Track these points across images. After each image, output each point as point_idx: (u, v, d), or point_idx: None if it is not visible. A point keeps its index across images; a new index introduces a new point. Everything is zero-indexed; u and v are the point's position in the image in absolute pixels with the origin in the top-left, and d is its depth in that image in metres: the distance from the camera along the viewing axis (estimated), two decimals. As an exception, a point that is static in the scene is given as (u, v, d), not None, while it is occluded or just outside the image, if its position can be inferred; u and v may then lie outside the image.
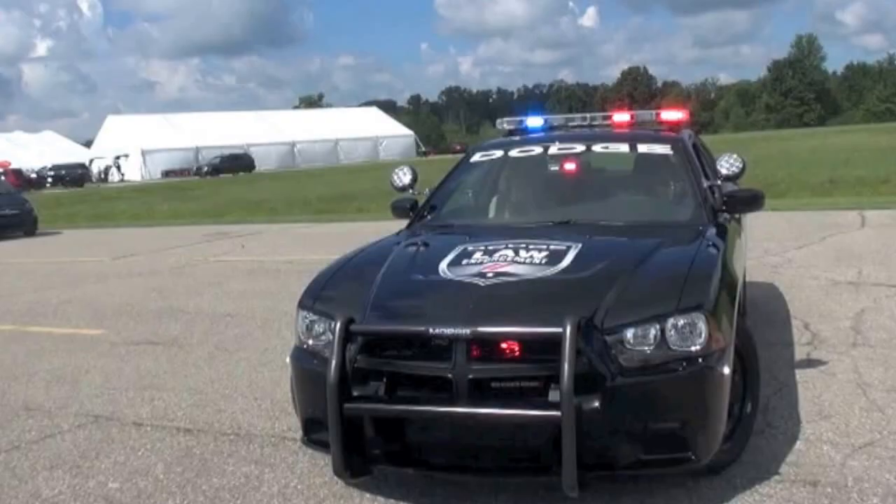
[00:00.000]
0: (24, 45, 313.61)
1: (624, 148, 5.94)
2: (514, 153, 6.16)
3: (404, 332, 4.07)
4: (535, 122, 6.54)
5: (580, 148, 5.98)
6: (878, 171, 22.22)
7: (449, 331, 3.78)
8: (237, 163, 70.99)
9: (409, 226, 5.82)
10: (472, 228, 5.49)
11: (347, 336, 3.92)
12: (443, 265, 4.42)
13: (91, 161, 76.64)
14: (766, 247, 11.21)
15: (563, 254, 4.38)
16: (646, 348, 3.81)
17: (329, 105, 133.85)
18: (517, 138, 6.45)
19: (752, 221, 14.00)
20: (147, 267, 14.26)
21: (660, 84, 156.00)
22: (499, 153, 6.23)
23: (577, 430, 3.51)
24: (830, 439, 4.63)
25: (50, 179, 65.89)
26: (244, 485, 4.57)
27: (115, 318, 9.61)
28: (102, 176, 73.18)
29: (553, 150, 5.99)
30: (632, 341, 3.80)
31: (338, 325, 3.92)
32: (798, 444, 4.59)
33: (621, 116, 6.34)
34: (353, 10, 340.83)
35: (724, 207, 5.30)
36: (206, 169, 69.28)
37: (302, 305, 4.50)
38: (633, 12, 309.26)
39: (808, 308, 7.69)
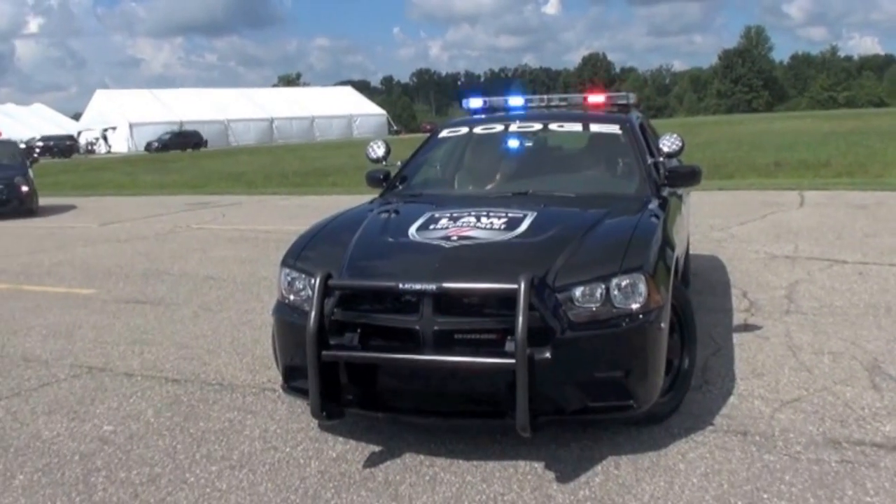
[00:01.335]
0: (17, 22, 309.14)
1: (577, 127, 6.17)
2: (478, 130, 6.34)
3: (377, 287, 4.23)
4: (516, 101, 6.78)
5: (538, 126, 6.18)
6: (820, 154, 22.61)
7: (417, 286, 3.96)
8: (186, 140, 68.00)
9: (381, 195, 5.98)
10: (439, 197, 5.65)
11: (326, 290, 4.09)
12: (412, 229, 4.60)
13: (79, 133, 75.64)
14: (712, 223, 11.48)
15: (520, 220, 4.57)
16: (592, 305, 4.00)
17: (306, 84, 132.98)
18: (481, 116, 6.62)
19: (700, 199, 14.38)
20: (133, 233, 14.28)
21: (618, 70, 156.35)
22: (464, 129, 6.41)
23: (530, 378, 3.71)
24: (761, 395, 4.85)
25: (38, 150, 64.99)
26: (228, 428, 4.73)
27: (105, 279, 9.68)
28: (90, 148, 72.19)
29: (513, 127, 6.18)
30: (580, 299, 3.99)
31: (317, 280, 4.08)
32: (731, 399, 4.81)
33: (595, 98, 6.64)
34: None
35: (665, 182, 5.52)
36: (155, 145, 66.56)
37: (284, 263, 4.66)
38: (593, 2, 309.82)
39: (747, 279, 7.93)
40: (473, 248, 4.32)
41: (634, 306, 4.04)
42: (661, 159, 5.56)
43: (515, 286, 3.76)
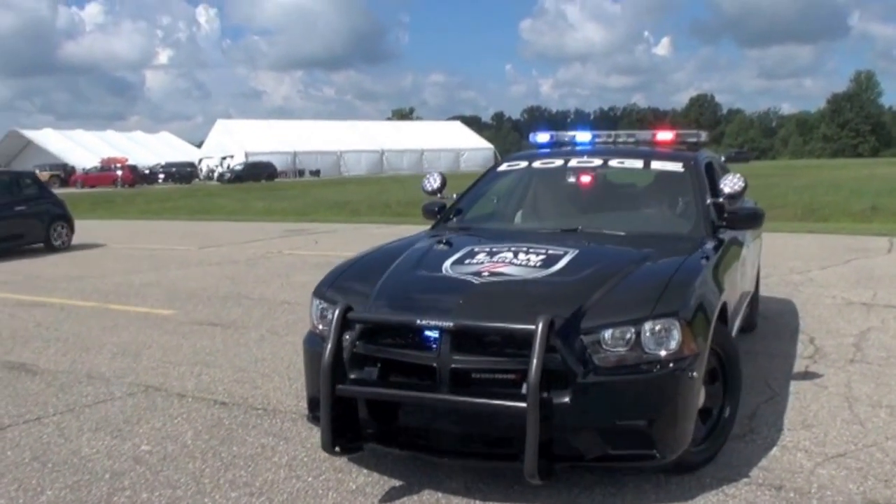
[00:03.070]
0: (147, 53, 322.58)
1: (638, 164, 5.85)
2: (537, 164, 6.14)
3: (395, 321, 4.08)
4: (583, 136, 6.55)
5: (597, 162, 5.92)
6: (920, 202, 21.42)
7: (434, 322, 3.80)
8: (259, 170, 65.71)
9: (433, 227, 5.85)
10: (487, 231, 5.50)
11: (345, 323, 3.96)
12: (447, 263, 4.44)
13: (200, 160, 78.27)
14: (793, 266, 10.96)
15: (559, 258, 4.36)
16: (621, 349, 3.76)
17: (419, 118, 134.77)
18: (546, 151, 6.42)
19: (786, 241, 13.82)
20: (227, 257, 14.55)
21: (724, 111, 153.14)
22: (524, 164, 6.21)
23: (543, 422, 3.50)
24: (806, 447, 4.50)
25: (162, 176, 67.54)
26: (258, 454, 4.65)
27: (186, 301, 9.83)
28: (211, 175, 74.38)
29: (572, 162, 5.96)
30: (609, 342, 3.76)
31: (336, 311, 3.97)
32: (774, 451, 4.47)
33: (664, 135, 6.32)
34: (444, 32, 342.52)
35: (724, 223, 5.21)
36: (227, 176, 64.64)
37: (316, 293, 4.57)
38: (704, 44, 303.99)
39: (817, 324, 7.49)
40: (502, 285, 4.13)
41: (665, 353, 3.78)
42: (721, 200, 5.23)
43: (532, 327, 3.57)
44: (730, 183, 5.16)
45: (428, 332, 3.88)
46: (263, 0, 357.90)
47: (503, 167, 6.32)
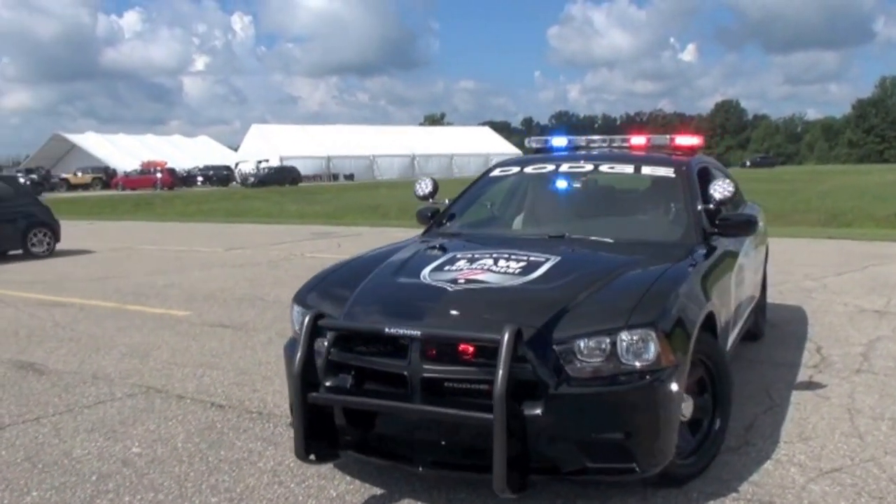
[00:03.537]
0: (184, 60, 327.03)
1: (629, 169, 5.65)
2: (528, 170, 5.99)
3: (364, 329, 3.95)
4: (559, 141, 6.37)
5: (588, 167, 5.76)
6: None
7: (402, 331, 3.68)
8: (283, 175, 63.68)
9: (424, 233, 5.74)
10: (475, 237, 5.36)
11: (315, 330, 3.86)
12: (426, 270, 4.29)
13: (236, 164, 78.68)
14: (808, 272, 10.70)
15: (539, 265, 4.20)
16: (596, 360, 3.59)
17: (449, 123, 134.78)
18: (535, 156, 6.29)
19: (803, 247, 13.54)
20: (250, 259, 14.55)
21: (750, 117, 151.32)
22: (515, 169, 6.07)
23: (513, 434, 3.37)
24: (800, 461, 4.32)
25: (200, 178, 68.10)
26: (244, 459, 4.57)
27: (203, 302, 9.81)
28: (245, 178, 74.74)
29: (564, 167, 5.81)
30: (584, 352, 3.59)
31: (306, 319, 3.87)
32: (767, 464, 4.29)
33: (638, 140, 6.12)
34: (474, 39, 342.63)
35: (716, 230, 5.03)
36: (251, 180, 62.84)
37: (296, 299, 4.47)
38: (729, 50, 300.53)
39: (826, 332, 7.26)
40: (476, 293, 3.97)
41: (641, 364, 3.61)
42: (712, 206, 5.03)
43: (498, 337, 3.43)
44: (719, 189, 4.98)
45: (402, 341, 3.75)
46: (296, 8, 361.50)
47: (496, 172, 6.16)
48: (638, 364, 3.60)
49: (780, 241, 14.01)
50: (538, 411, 3.48)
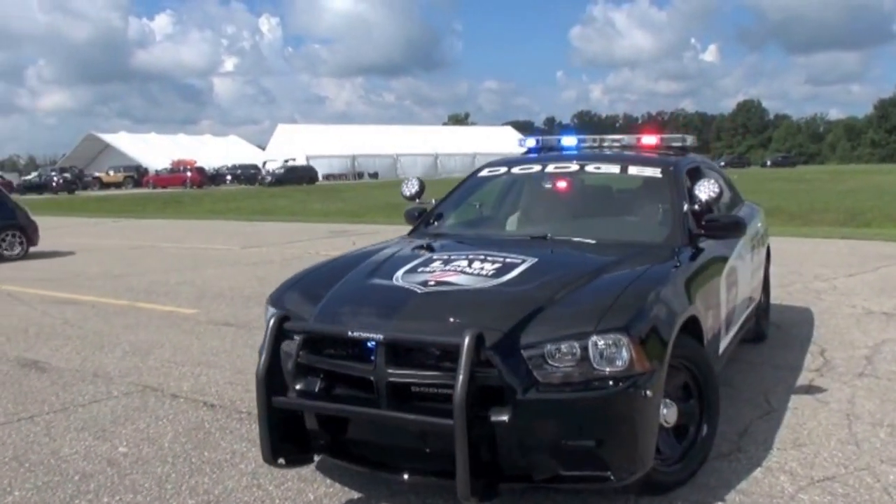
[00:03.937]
0: (213, 61, 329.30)
1: (615, 169, 5.50)
2: (515, 170, 5.85)
3: (327, 332, 3.83)
4: (560, 141, 6.25)
5: (574, 167, 5.62)
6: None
7: (364, 335, 3.58)
8: (300, 174, 62.79)
9: (410, 232, 5.64)
10: (457, 237, 5.24)
11: (281, 332, 3.77)
12: (400, 272, 4.17)
13: (264, 163, 78.95)
14: (818, 273, 10.47)
15: (514, 267, 4.06)
16: (567, 366, 3.45)
17: (473, 123, 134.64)
18: (523, 156, 6.16)
19: (816, 247, 13.28)
20: (264, 257, 14.52)
21: (772, 116, 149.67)
22: (503, 169, 5.94)
23: (477, 441, 3.26)
24: (792, 469, 4.16)
25: (229, 177, 68.47)
26: (227, 460, 4.49)
27: (212, 300, 9.77)
28: (263, 178, 74.80)
29: (550, 168, 5.67)
30: (554, 357, 3.46)
31: (271, 321, 3.77)
32: (756, 472, 4.14)
33: (618, 138, 6.03)
34: (497, 40, 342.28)
35: (702, 232, 4.88)
36: (268, 179, 61.36)
37: (270, 300, 4.34)
38: (751, 50, 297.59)
39: (831, 335, 7.07)
40: (444, 295, 3.85)
41: (613, 370, 3.46)
42: (697, 207, 4.86)
43: (458, 340, 3.31)
44: (705, 189, 4.81)
45: (365, 345, 3.65)
46: (322, 10, 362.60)
47: (484, 172, 6.02)
48: (609, 370, 3.46)
49: (793, 240, 13.81)
50: (505, 417, 3.36)
